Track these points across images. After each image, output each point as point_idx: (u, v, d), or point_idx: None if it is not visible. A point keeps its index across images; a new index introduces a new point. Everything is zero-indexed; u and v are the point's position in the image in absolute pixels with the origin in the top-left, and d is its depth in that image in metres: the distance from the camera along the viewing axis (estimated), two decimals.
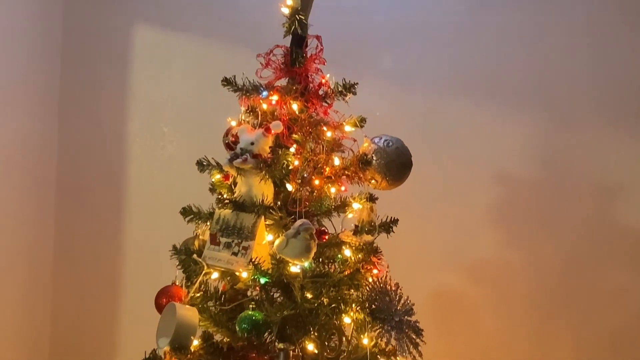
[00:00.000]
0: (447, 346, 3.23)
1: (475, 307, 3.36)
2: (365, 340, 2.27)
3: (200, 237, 2.41)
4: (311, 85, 2.43)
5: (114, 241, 3.58)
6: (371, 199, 2.38)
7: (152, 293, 2.38)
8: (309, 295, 2.20)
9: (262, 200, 2.26)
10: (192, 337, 2.17)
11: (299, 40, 2.41)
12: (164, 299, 2.33)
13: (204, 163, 2.43)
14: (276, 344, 2.19)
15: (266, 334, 2.23)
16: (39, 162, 3.54)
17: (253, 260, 2.19)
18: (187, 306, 2.22)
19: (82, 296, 3.56)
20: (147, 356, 2.22)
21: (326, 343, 2.29)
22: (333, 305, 2.22)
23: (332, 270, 2.33)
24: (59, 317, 3.55)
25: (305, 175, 2.33)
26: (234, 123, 2.44)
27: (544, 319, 3.33)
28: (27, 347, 3.44)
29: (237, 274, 2.25)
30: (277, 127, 2.29)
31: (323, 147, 2.36)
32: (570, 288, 3.33)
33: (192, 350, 2.20)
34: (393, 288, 2.29)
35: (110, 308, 3.54)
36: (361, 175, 2.37)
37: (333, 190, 2.39)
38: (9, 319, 3.31)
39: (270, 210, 2.26)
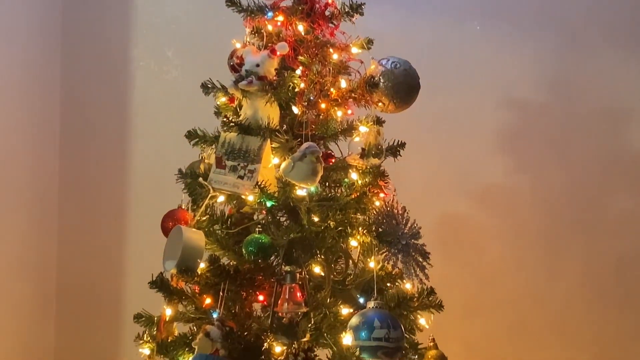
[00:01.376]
0: (453, 271, 3.24)
1: (482, 233, 3.36)
2: (371, 264, 2.27)
3: (206, 160, 2.40)
4: (317, 5, 2.38)
5: (120, 166, 3.57)
6: (378, 122, 2.36)
7: (158, 217, 2.38)
8: (315, 219, 2.20)
9: (268, 123, 2.23)
10: (198, 260, 2.17)
11: None
12: (170, 223, 2.33)
13: (209, 86, 2.40)
14: (283, 266, 2.19)
15: (273, 257, 2.24)
16: (42, 90, 3.52)
17: (259, 183, 2.18)
18: (193, 229, 2.22)
19: (89, 220, 3.57)
20: (154, 279, 2.23)
21: (333, 266, 2.29)
22: (339, 229, 2.21)
23: (338, 194, 2.32)
24: (65, 240, 3.56)
25: (311, 98, 2.30)
26: (238, 45, 2.40)
27: (551, 245, 3.33)
28: (33, 271, 3.46)
29: (243, 197, 2.24)
30: (282, 48, 2.25)
31: (329, 69, 2.33)
32: (578, 214, 3.32)
33: (199, 272, 2.21)
34: (400, 211, 2.28)
35: (116, 232, 3.55)
36: (368, 98, 2.33)
37: (339, 113, 2.36)
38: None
39: (276, 133, 2.25)
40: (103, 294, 3.53)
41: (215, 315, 2.13)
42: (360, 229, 2.24)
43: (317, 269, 2.27)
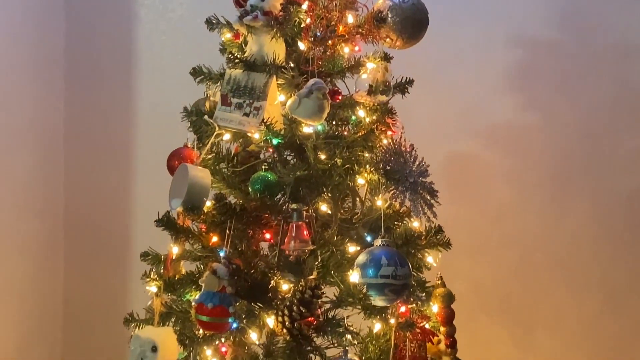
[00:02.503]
0: (461, 210, 3.23)
1: (490, 172, 3.33)
2: (379, 202, 2.25)
3: (211, 98, 2.37)
4: None
5: (126, 105, 3.55)
6: (386, 58, 2.32)
7: (164, 155, 2.36)
8: (322, 156, 2.17)
9: (274, 59, 2.20)
10: (204, 198, 2.16)
11: None
12: (176, 161, 2.31)
13: (214, 22, 2.36)
14: (289, 204, 2.18)
15: (279, 195, 2.23)
16: (46, 27, 3.48)
17: (265, 120, 2.15)
18: (199, 167, 2.21)
19: (95, 159, 3.56)
20: (160, 217, 2.22)
21: (340, 204, 2.28)
22: (346, 166, 2.19)
23: (345, 132, 2.29)
24: (72, 180, 3.56)
25: (317, 33, 2.26)
26: None
27: (559, 184, 3.31)
28: (41, 211, 3.47)
29: (249, 135, 2.22)
30: None
31: (336, 4, 2.28)
32: (587, 153, 3.28)
33: (205, 211, 2.21)
34: (408, 149, 2.26)
35: (123, 171, 3.54)
36: (375, 34, 2.29)
37: (346, 49, 2.32)
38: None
39: (282, 69, 2.21)
40: (110, 233, 3.54)
41: (221, 254, 2.12)
42: (367, 166, 2.22)
43: (324, 207, 2.25)
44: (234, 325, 2.09)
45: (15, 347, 3.25)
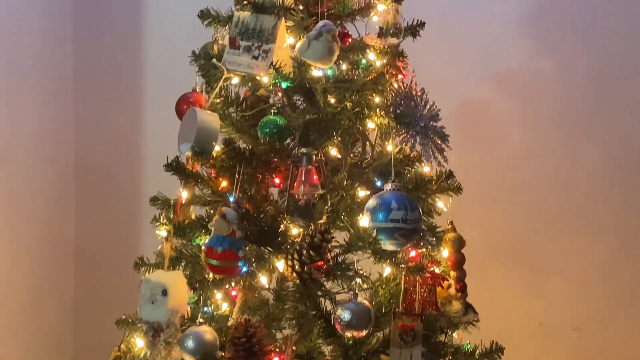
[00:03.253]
0: (472, 156, 3.21)
1: (502, 117, 3.30)
2: (389, 147, 2.23)
3: (220, 41, 2.34)
4: None
5: (134, 49, 3.52)
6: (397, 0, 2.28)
7: (172, 100, 2.34)
8: (331, 100, 2.15)
9: (282, 1, 2.16)
10: (213, 142, 2.15)
11: None
12: (184, 105, 2.29)
13: None
14: (299, 148, 2.16)
15: (288, 139, 2.21)
16: None
17: (274, 63, 2.12)
18: (207, 111, 2.19)
19: (104, 103, 3.54)
20: (169, 162, 2.21)
21: (349, 148, 2.26)
22: (356, 110, 2.17)
23: (355, 75, 2.26)
24: (81, 125, 3.55)
25: None
26: None
27: (572, 130, 3.27)
28: (51, 157, 3.47)
29: (257, 78, 2.20)
30: None
31: None
32: (600, 97, 3.25)
33: (214, 155, 2.19)
34: (418, 93, 2.23)
35: (132, 116, 3.53)
36: None
37: None
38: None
39: (291, 11, 2.17)
40: (120, 178, 3.54)
41: (231, 198, 2.11)
42: (377, 110, 2.19)
43: (333, 151, 2.24)
44: (244, 269, 2.09)
45: (28, 293, 3.28)
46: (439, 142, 2.21)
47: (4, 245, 3.12)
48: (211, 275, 2.19)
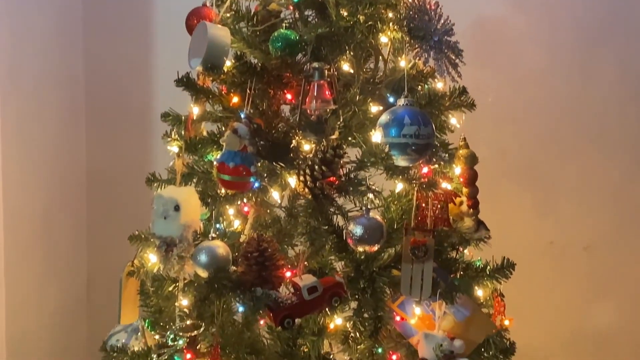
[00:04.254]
0: (486, 74, 3.16)
1: (518, 35, 3.24)
2: (402, 62, 2.20)
3: None
4: None
5: None
6: None
7: (182, 15, 2.30)
8: (344, 13, 2.11)
9: None
10: (224, 57, 2.11)
11: None
12: (194, 20, 2.26)
13: None
14: (311, 63, 2.13)
15: (300, 54, 2.18)
16: None
17: None
18: (218, 25, 2.15)
19: (114, 23, 3.50)
20: (180, 77, 2.19)
21: (362, 63, 2.23)
22: (369, 24, 2.12)
23: None
24: (91, 48, 3.51)
25: None
26: None
27: (588, 49, 3.22)
28: (61, 80, 3.45)
29: None
30: None
31: None
32: (618, 16, 3.18)
33: (225, 70, 2.17)
34: (433, 7, 2.18)
35: (142, 31, 3.49)
36: None
37: None
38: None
39: None
40: (131, 95, 3.51)
41: (242, 114, 2.10)
42: (390, 24, 2.15)
43: (346, 66, 2.21)
44: (256, 184, 2.10)
45: (40, 213, 3.30)
46: (453, 57, 2.18)
47: (16, 164, 3.12)
48: (223, 190, 2.19)
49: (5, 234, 3.01)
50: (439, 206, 2.19)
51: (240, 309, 2.09)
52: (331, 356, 2.30)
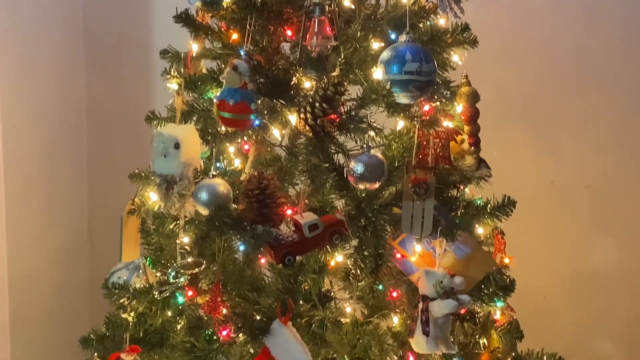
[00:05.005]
0: (489, 12, 3.11)
1: None
2: None
3: None
4: None
5: None
6: None
7: None
8: None
9: None
10: None
11: None
12: None
13: None
14: None
15: None
16: None
17: None
18: None
19: None
20: (178, 13, 2.16)
21: None
22: None
23: None
24: (91, 12, 3.47)
25: None
26: None
27: None
28: (60, 22, 3.41)
29: None
30: None
31: None
32: None
33: (224, 6, 2.14)
34: None
35: None
36: None
37: None
38: None
39: None
40: (130, 31, 3.48)
41: (242, 51, 2.07)
42: None
43: (347, 2, 2.18)
44: (256, 122, 2.08)
45: (41, 153, 3.30)
46: None
47: (15, 104, 3.11)
48: (223, 128, 2.18)
49: (5, 173, 3.01)
50: (440, 144, 2.17)
51: (241, 247, 2.10)
52: (332, 294, 2.31)
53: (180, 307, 2.25)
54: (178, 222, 2.20)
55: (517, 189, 2.28)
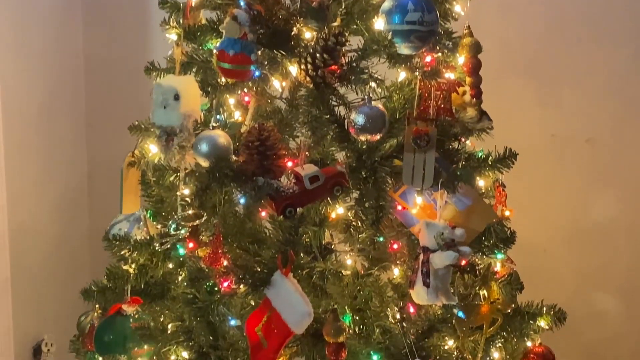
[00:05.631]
0: None
1: None
2: None
3: None
4: None
5: None
6: None
7: None
8: None
9: None
10: None
11: None
12: None
13: None
14: None
15: None
16: None
17: None
18: None
19: None
20: None
21: None
22: None
23: None
24: None
25: None
26: None
27: None
28: None
29: None
30: None
31: None
32: None
33: None
34: None
35: None
36: None
37: None
38: None
39: None
40: None
41: (241, 1, 2.04)
42: None
43: None
44: (256, 73, 2.06)
45: (40, 104, 3.28)
46: None
47: (13, 55, 3.08)
48: (223, 79, 2.16)
49: (4, 126, 2.99)
50: (441, 96, 2.15)
51: (242, 200, 2.09)
52: (332, 246, 2.31)
53: (181, 259, 2.25)
54: (178, 174, 2.19)
55: (517, 142, 2.26)
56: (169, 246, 2.19)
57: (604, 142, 3.24)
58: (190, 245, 2.18)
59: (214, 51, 2.05)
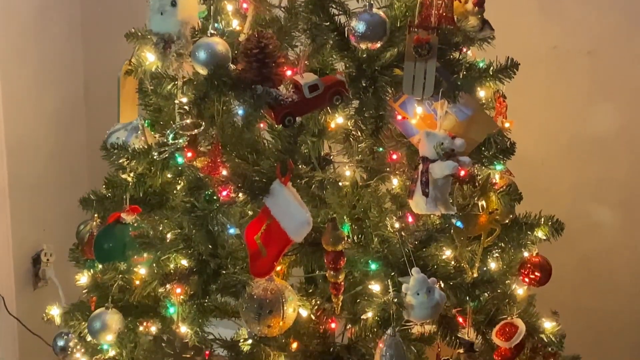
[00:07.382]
0: None
1: None
2: None
3: None
4: None
5: None
6: None
7: None
8: None
9: None
10: None
11: None
12: None
13: None
14: None
15: None
16: None
17: None
18: None
19: None
20: None
21: None
22: None
23: None
24: None
25: None
26: None
27: None
28: None
29: None
30: None
31: None
32: None
33: None
34: None
35: None
36: None
37: None
38: None
39: None
40: None
41: None
42: None
43: None
44: None
45: (35, 11, 3.22)
46: None
47: None
48: None
49: None
50: (443, 4, 2.10)
51: (240, 112, 2.07)
52: (331, 157, 2.31)
53: (179, 168, 2.24)
54: (176, 82, 2.16)
55: (518, 53, 2.23)
56: (167, 155, 2.18)
57: (606, 54, 3.20)
58: (189, 154, 2.17)
59: None
